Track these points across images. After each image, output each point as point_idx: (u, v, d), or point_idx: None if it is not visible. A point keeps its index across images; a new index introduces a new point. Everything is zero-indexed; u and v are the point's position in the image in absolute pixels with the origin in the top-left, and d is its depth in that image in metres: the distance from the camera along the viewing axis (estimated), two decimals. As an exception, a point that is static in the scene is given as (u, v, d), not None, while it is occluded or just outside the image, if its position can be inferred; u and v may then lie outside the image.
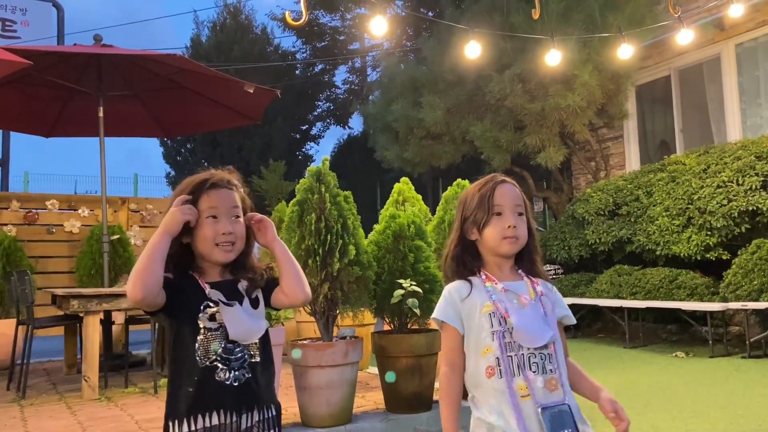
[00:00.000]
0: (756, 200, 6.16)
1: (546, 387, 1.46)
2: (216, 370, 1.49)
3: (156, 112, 6.97)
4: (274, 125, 18.55)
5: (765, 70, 8.40)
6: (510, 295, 1.55)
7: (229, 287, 1.58)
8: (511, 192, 1.62)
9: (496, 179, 1.64)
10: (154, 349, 5.03)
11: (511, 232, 1.57)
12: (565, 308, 1.62)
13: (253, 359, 1.55)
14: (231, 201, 1.58)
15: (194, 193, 1.57)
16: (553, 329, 1.52)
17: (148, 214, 7.86)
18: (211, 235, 1.54)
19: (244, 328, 1.54)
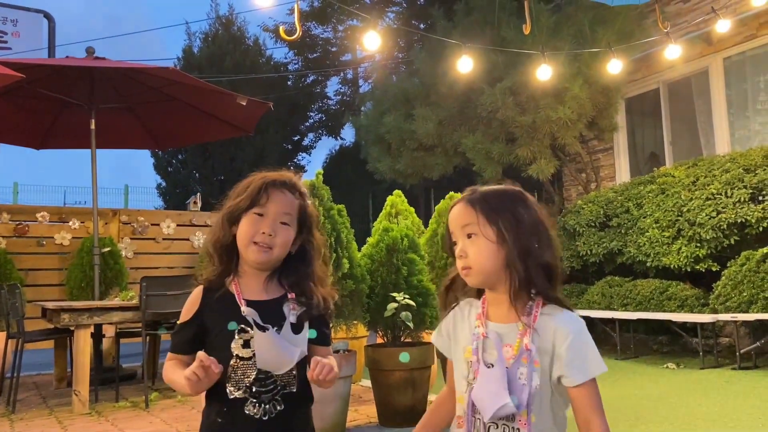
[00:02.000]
0: (744, 212, 6.23)
1: None
2: (246, 403, 1.38)
3: (148, 124, 6.98)
4: (266, 136, 18.57)
5: (753, 83, 8.51)
6: (489, 344, 1.25)
7: (270, 307, 1.43)
8: (458, 212, 1.30)
9: (456, 200, 1.34)
10: (145, 362, 5.01)
11: (461, 262, 1.27)
12: (570, 366, 1.19)
13: (288, 389, 1.42)
14: (284, 205, 1.45)
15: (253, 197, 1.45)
16: (521, 398, 1.19)
17: (139, 226, 7.83)
18: (250, 231, 1.42)
19: (275, 357, 1.38)
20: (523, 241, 1.24)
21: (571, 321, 1.22)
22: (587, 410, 1.19)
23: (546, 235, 1.28)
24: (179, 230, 8.06)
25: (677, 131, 9.56)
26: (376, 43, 4.75)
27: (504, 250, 1.24)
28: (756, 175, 6.43)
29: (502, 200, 1.30)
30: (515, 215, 1.27)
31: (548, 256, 1.26)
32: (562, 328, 1.21)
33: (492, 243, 1.25)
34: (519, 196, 1.33)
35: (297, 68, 22.25)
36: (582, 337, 1.21)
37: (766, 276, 5.63)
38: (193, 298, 1.47)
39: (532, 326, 1.22)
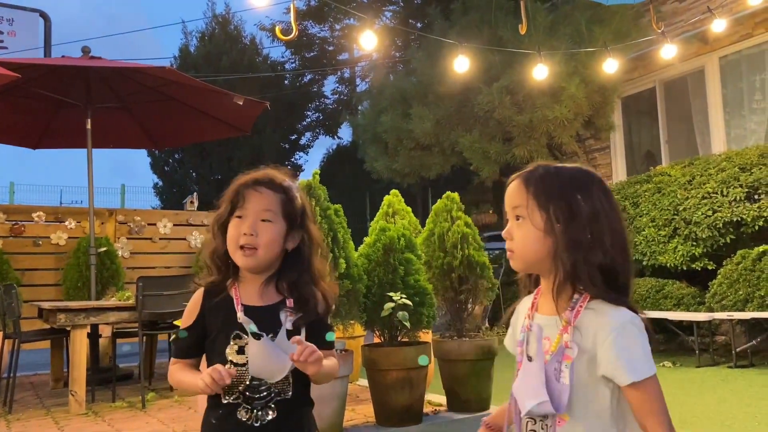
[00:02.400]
0: (740, 211, 6.24)
1: None
2: (238, 408, 1.38)
3: (145, 124, 6.96)
4: (264, 135, 18.55)
5: (748, 82, 8.53)
6: (532, 337, 1.19)
7: (266, 313, 1.41)
8: (510, 192, 1.21)
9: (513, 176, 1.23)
10: (141, 362, 5.00)
11: (507, 244, 1.20)
12: (614, 366, 1.08)
13: (282, 396, 1.40)
14: (261, 203, 1.42)
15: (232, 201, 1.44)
16: (557, 397, 1.11)
17: (135, 226, 7.82)
18: (233, 236, 1.40)
19: (268, 365, 1.37)
20: (573, 233, 1.12)
21: (615, 317, 1.10)
22: (641, 414, 1.08)
23: (607, 229, 1.14)
24: (176, 230, 8.04)
25: (673, 130, 9.58)
26: (373, 43, 4.75)
27: (550, 240, 1.14)
28: (752, 174, 6.45)
29: (561, 184, 1.17)
30: (570, 203, 1.14)
31: (603, 252, 1.12)
32: (604, 325, 1.09)
33: (538, 230, 1.15)
34: (583, 181, 1.19)
35: (294, 67, 22.23)
36: (626, 333, 1.08)
37: (762, 274, 5.65)
38: (193, 302, 1.47)
39: (572, 322, 1.12)
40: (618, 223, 1.17)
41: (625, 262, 1.16)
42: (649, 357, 1.09)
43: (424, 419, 3.61)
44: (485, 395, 3.83)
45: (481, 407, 3.79)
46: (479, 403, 3.79)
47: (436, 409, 3.87)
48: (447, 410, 3.86)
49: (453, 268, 3.78)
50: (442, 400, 3.99)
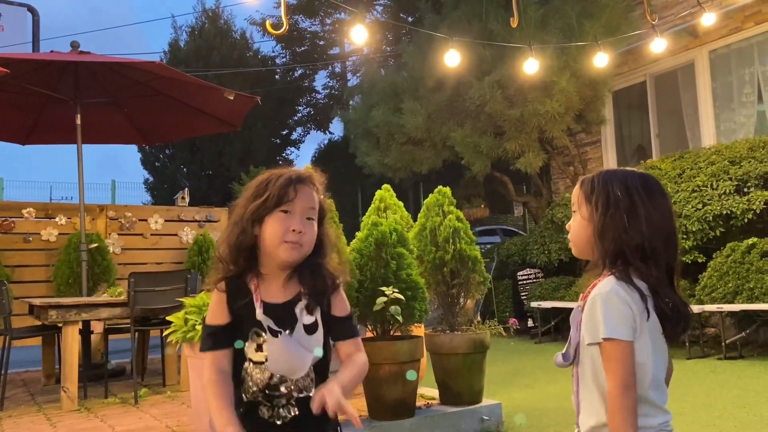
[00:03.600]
0: (730, 204, 6.29)
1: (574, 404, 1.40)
2: (259, 406, 1.39)
3: (135, 119, 6.92)
4: (255, 130, 18.49)
5: (738, 76, 8.59)
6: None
7: (284, 309, 1.41)
8: (573, 190, 1.44)
9: None
10: (134, 358, 4.99)
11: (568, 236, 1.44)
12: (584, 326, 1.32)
13: (305, 393, 1.39)
14: (309, 200, 1.44)
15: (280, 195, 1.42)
16: (570, 353, 1.37)
17: (126, 222, 7.77)
18: (280, 230, 1.39)
19: (287, 361, 1.38)
20: (607, 220, 1.32)
21: (600, 287, 1.30)
22: (605, 371, 1.27)
23: (644, 219, 1.31)
24: (167, 225, 8.00)
25: (664, 124, 9.63)
26: (364, 37, 4.74)
27: (591, 227, 1.35)
28: (741, 167, 6.50)
29: (605, 182, 1.36)
30: (609, 195, 1.34)
31: (640, 237, 1.30)
32: (592, 294, 1.31)
33: (584, 220, 1.37)
34: (625, 180, 1.36)
35: (284, 62, 22.15)
36: (598, 302, 1.27)
37: (751, 267, 5.70)
38: (218, 298, 1.44)
39: (590, 293, 1.32)
40: (657, 215, 1.33)
41: (666, 246, 1.33)
42: (611, 322, 1.25)
43: (416, 413, 3.62)
44: (477, 388, 3.84)
45: (473, 400, 3.81)
46: (471, 396, 3.80)
47: (429, 403, 3.89)
48: (439, 403, 3.87)
49: (445, 262, 3.79)
50: (435, 393, 4.00)
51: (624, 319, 1.26)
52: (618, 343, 1.25)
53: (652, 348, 1.29)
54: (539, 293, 8.01)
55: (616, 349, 1.26)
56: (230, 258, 1.44)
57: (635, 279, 1.29)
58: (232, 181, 17.70)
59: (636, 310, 1.27)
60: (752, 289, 5.58)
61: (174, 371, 5.38)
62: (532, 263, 8.61)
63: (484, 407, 3.80)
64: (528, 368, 5.92)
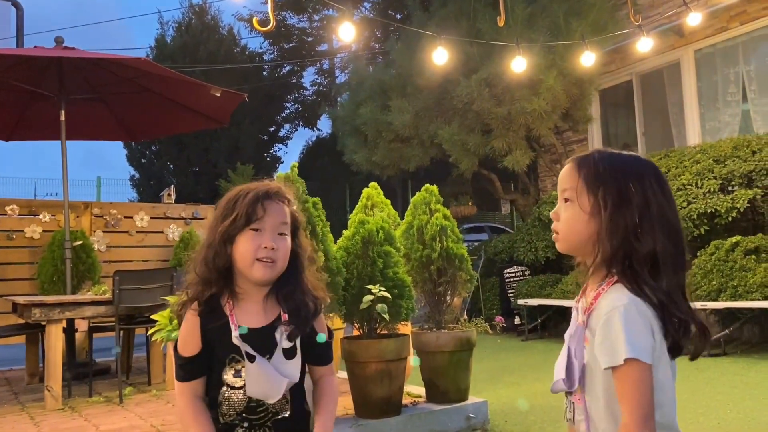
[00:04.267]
0: (714, 202, 6.35)
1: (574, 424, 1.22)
2: (236, 428, 1.39)
3: (120, 115, 6.86)
4: (242, 127, 18.41)
5: (723, 76, 8.67)
6: (573, 320, 1.24)
7: (262, 334, 1.40)
8: (563, 174, 1.23)
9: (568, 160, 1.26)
10: (118, 356, 4.95)
11: (553, 224, 1.23)
12: (599, 348, 1.11)
13: (281, 415, 1.40)
14: (279, 215, 1.42)
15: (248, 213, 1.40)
16: (572, 375, 1.17)
17: (111, 219, 7.71)
18: (252, 249, 1.37)
19: (264, 385, 1.37)
20: (619, 218, 1.12)
21: (613, 300, 1.11)
22: (618, 398, 1.09)
23: (657, 217, 1.14)
24: (153, 223, 7.94)
25: (650, 122, 9.70)
26: (351, 35, 4.72)
27: (595, 223, 1.15)
28: (725, 166, 6.57)
29: (613, 170, 1.17)
30: (620, 189, 1.14)
31: (653, 239, 1.12)
32: (603, 308, 1.11)
33: (584, 213, 1.16)
34: (637, 168, 1.18)
35: (272, 58, 22.05)
36: (616, 317, 1.08)
37: (735, 265, 5.76)
38: (191, 325, 1.42)
39: (594, 302, 1.14)
40: (671, 213, 1.17)
41: (677, 252, 1.16)
42: (625, 345, 1.06)
43: (403, 410, 3.62)
44: (464, 386, 3.85)
45: (460, 398, 3.82)
46: (458, 393, 3.81)
47: (415, 401, 3.89)
48: (426, 401, 3.87)
49: (432, 260, 3.79)
50: (421, 391, 4.01)
51: (645, 338, 1.08)
52: (639, 365, 1.06)
53: (670, 368, 1.15)
54: (526, 291, 8.05)
55: (636, 372, 1.07)
56: (204, 279, 1.41)
57: (647, 290, 1.11)
58: (219, 177, 17.61)
59: (655, 327, 1.10)
60: (736, 287, 5.64)
61: (159, 370, 5.35)
62: (519, 261, 8.65)
63: (470, 405, 3.81)
64: (514, 365, 5.94)
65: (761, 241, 5.85)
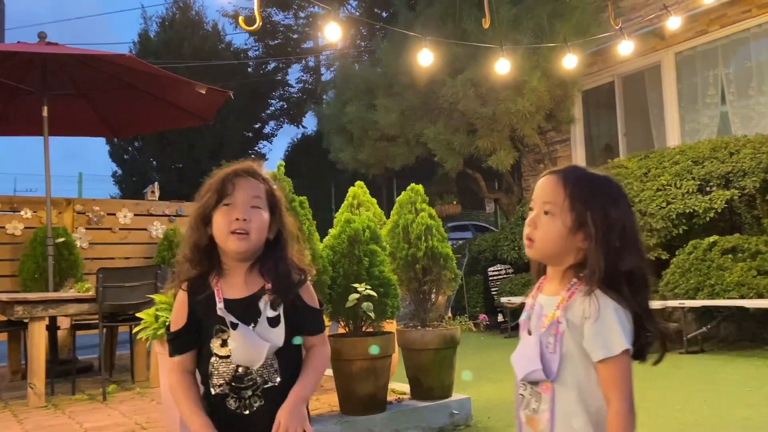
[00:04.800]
0: (693, 203, 6.48)
1: (527, 424, 1.31)
2: (226, 398, 1.44)
3: (104, 112, 6.82)
4: (227, 124, 18.31)
5: (702, 78, 8.82)
6: (534, 315, 1.32)
7: (246, 304, 1.46)
8: (546, 185, 1.29)
9: (551, 170, 1.34)
10: (102, 354, 4.94)
11: (526, 230, 1.29)
12: (592, 342, 1.20)
13: (270, 383, 1.45)
14: (251, 190, 1.47)
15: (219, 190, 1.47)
16: (547, 366, 1.24)
17: (94, 216, 7.65)
18: (225, 222, 1.44)
19: (247, 350, 1.43)
20: (607, 241, 1.22)
21: (603, 301, 1.21)
22: (606, 386, 1.19)
23: (632, 240, 1.25)
24: (137, 220, 7.90)
25: (631, 123, 9.84)
26: (338, 34, 4.74)
27: (575, 239, 1.24)
28: (704, 167, 6.69)
29: (597, 192, 1.26)
30: (607, 213, 1.24)
31: (630, 257, 1.23)
32: (593, 305, 1.20)
33: (565, 228, 1.24)
34: (615, 193, 1.30)
35: (257, 55, 21.95)
36: (610, 314, 1.19)
37: (712, 264, 5.88)
38: (180, 302, 1.50)
39: (567, 300, 1.24)
40: (638, 233, 1.29)
41: (647, 270, 1.27)
42: (621, 338, 1.18)
43: (387, 407, 3.66)
44: (448, 383, 3.91)
45: (444, 395, 3.87)
46: (442, 390, 3.87)
47: (400, 398, 3.93)
48: (410, 398, 3.92)
49: (417, 259, 3.84)
50: (406, 388, 4.05)
51: (630, 334, 1.20)
52: (629, 357, 1.19)
53: None
54: (509, 289, 8.13)
55: (628, 362, 1.19)
56: (190, 259, 1.49)
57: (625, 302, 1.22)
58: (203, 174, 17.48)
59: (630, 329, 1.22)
60: (713, 286, 5.76)
61: (143, 367, 5.34)
62: (503, 259, 8.73)
63: (453, 402, 3.86)
64: (497, 363, 6.01)
65: (738, 241, 5.98)
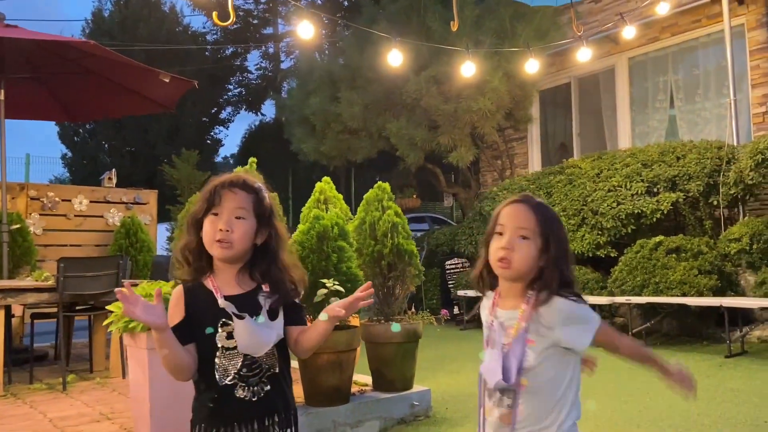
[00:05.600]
0: (641, 204, 6.80)
1: (500, 420, 1.52)
2: (235, 388, 1.53)
3: (62, 96, 6.69)
4: (183, 109, 17.98)
5: (653, 83, 9.21)
6: (498, 327, 1.54)
7: (246, 298, 1.58)
8: (518, 213, 1.53)
9: (515, 199, 1.57)
10: (61, 343, 4.89)
11: (502, 253, 1.49)
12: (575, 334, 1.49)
13: (272, 371, 1.58)
14: (236, 201, 1.58)
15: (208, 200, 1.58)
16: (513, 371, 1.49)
17: (49, 202, 7.49)
18: (209, 231, 1.56)
19: (253, 340, 1.54)
20: (559, 254, 1.51)
21: (566, 304, 1.49)
22: (610, 340, 1.62)
23: (570, 256, 1.57)
24: (92, 207, 7.76)
25: (585, 124, 10.19)
26: (310, 33, 4.79)
27: (540, 259, 1.50)
28: (652, 170, 7.02)
29: (554, 219, 1.56)
30: (561, 236, 1.55)
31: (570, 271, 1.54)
32: (559, 312, 1.47)
33: (537, 249, 1.50)
34: (559, 219, 1.61)
35: (216, 39, 21.57)
36: (574, 310, 1.49)
37: (657, 263, 6.21)
38: (176, 299, 1.59)
39: (532, 310, 1.48)
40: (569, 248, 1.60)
41: (572, 268, 1.58)
42: (591, 313, 1.53)
43: (351, 399, 3.78)
44: (409, 375, 4.05)
45: (405, 386, 4.01)
46: (403, 382, 4.01)
47: (363, 389, 4.05)
48: (373, 390, 4.05)
49: (383, 255, 3.96)
50: (368, 380, 4.18)
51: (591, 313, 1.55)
52: (604, 323, 1.56)
53: None
54: (466, 282, 8.35)
55: (605, 324, 1.58)
56: (184, 260, 1.61)
57: None
58: (158, 159, 17.15)
59: None
60: (657, 283, 6.09)
61: (102, 357, 5.31)
62: (460, 253, 8.95)
63: (414, 393, 4.01)
64: (454, 354, 6.21)
65: (682, 242, 6.33)
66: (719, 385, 4.46)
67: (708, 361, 5.28)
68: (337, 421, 3.62)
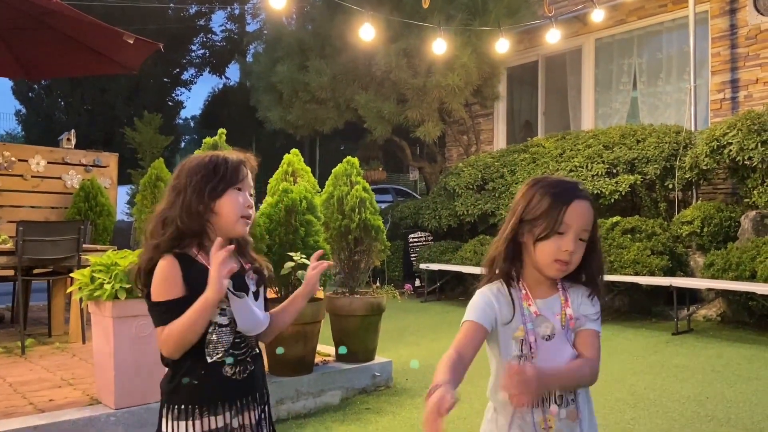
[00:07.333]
0: (601, 185, 7.00)
1: (568, 418, 1.45)
2: (224, 365, 1.52)
3: (19, 53, 6.45)
4: (143, 68, 17.33)
5: (618, 65, 9.36)
6: (541, 321, 1.45)
7: (236, 278, 1.53)
8: (585, 213, 1.43)
9: (576, 192, 1.44)
10: (19, 307, 4.82)
11: (565, 256, 1.42)
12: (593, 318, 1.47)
13: (254, 351, 1.60)
14: (251, 180, 1.61)
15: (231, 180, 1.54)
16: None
17: (5, 162, 7.25)
18: (237, 206, 1.52)
19: (252, 320, 1.55)
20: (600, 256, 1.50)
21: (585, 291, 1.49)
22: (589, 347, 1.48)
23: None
24: (50, 168, 7.55)
25: (550, 103, 10.33)
26: (282, 2, 4.72)
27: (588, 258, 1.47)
28: (613, 152, 7.22)
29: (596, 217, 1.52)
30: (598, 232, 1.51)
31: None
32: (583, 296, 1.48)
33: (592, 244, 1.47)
34: None
35: (179, -3, 20.87)
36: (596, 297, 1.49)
37: (613, 242, 6.43)
38: (173, 271, 1.50)
39: (568, 298, 1.47)
40: None
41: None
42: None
43: (315, 369, 3.86)
44: (372, 347, 4.15)
45: (367, 358, 4.12)
46: (366, 354, 4.11)
47: (326, 360, 4.14)
48: (335, 360, 4.14)
49: (350, 230, 4.01)
50: (331, 350, 4.26)
51: None
52: None
53: None
54: (428, 255, 8.49)
55: None
56: (182, 232, 1.52)
57: None
58: (117, 119, 16.69)
59: None
60: (612, 262, 6.31)
61: (60, 322, 5.25)
62: (424, 227, 9.06)
63: (376, 365, 4.12)
64: (414, 326, 6.35)
65: (637, 222, 6.56)
66: (666, 361, 4.70)
67: (656, 338, 5.53)
68: (300, 390, 3.70)
